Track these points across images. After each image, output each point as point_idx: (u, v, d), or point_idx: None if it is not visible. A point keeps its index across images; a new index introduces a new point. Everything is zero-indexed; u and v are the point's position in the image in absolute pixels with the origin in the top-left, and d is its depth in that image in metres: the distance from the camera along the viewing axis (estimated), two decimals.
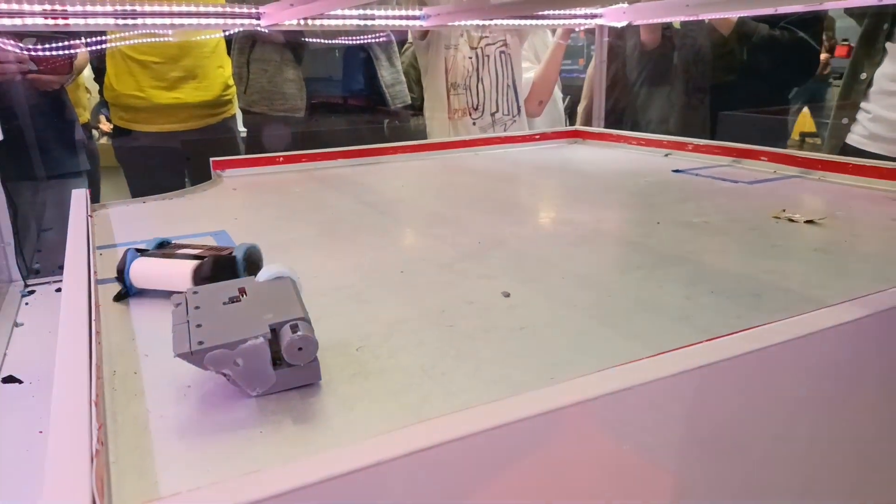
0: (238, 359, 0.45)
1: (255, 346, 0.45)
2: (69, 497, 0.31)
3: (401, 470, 0.36)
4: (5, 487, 0.78)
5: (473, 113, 1.98)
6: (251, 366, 0.46)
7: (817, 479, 0.58)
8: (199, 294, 0.53)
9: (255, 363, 0.46)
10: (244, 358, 0.45)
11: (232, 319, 0.48)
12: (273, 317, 0.48)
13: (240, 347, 0.45)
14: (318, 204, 1.11)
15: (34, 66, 1.38)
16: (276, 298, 0.52)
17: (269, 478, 0.33)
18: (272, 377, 0.47)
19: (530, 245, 0.86)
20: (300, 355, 0.47)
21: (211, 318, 0.48)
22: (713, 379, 0.47)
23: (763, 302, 0.65)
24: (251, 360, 0.46)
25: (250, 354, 0.45)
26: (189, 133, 1.83)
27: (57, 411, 0.38)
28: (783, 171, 1.28)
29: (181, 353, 0.44)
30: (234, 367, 0.45)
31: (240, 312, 0.50)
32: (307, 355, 0.47)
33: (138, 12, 1.17)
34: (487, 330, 0.60)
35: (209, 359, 0.44)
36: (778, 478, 0.54)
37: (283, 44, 1.92)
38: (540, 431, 0.41)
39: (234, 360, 0.45)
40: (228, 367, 0.45)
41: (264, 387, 0.47)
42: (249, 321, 0.48)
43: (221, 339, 0.45)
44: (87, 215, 0.88)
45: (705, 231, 0.90)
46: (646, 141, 1.57)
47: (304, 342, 0.47)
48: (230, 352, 0.45)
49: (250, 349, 0.45)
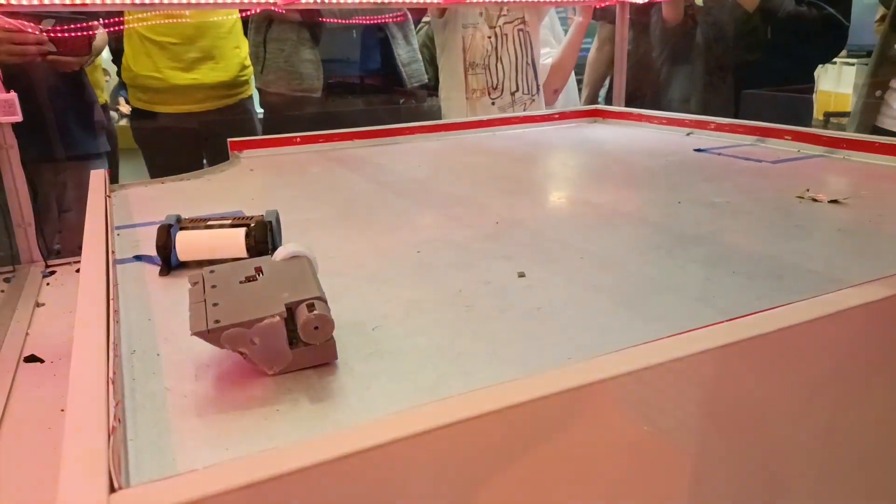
0: (255, 337, 0.45)
1: (272, 325, 0.45)
2: (86, 473, 0.31)
3: (417, 448, 0.36)
4: (28, 465, 0.79)
5: (493, 93, 1.96)
6: (268, 344, 0.46)
7: (838, 460, 0.57)
8: (216, 273, 0.53)
9: (272, 342, 0.46)
10: (260, 337, 0.45)
11: (248, 298, 0.48)
12: (289, 296, 0.48)
13: (256, 326, 0.45)
14: (334, 184, 1.10)
15: (53, 48, 1.38)
16: (293, 277, 0.51)
17: (286, 455, 0.33)
18: (289, 356, 0.47)
19: (548, 226, 0.85)
20: (316, 334, 0.47)
21: (227, 297, 0.48)
22: (734, 359, 0.46)
23: (785, 283, 0.64)
24: (267, 338, 0.45)
25: (266, 333, 0.45)
26: (206, 114, 1.83)
27: (74, 389, 0.38)
28: (807, 151, 1.25)
29: (198, 332, 0.44)
30: (251, 345, 0.45)
31: (256, 291, 0.49)
32: (323, 335, 0.47)
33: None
34: (504, 310, 0.59)
35: (225, 337, 0.44)
36: (798, 459, 0.53)
37: (299, 23, 1.91)
38: (558, 411, 0.41)
39: (250, 339, 0.45)
40: (245, 345, 0.45)
41: (281, 365, 0.47)
42: (266, 300, 0.47)
43: (238, 318, 0.45)
44: (106, 195, 0.88)
45: (727, 211, 0.88)
46: (667, 120, 1.55)
47: (321, 321, 0.46)
48: (247, 330, 0.45)
49: (266, 328, 0.45)
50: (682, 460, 0.47)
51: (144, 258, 0.75)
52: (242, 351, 0.46)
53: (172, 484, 0.30)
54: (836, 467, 0.58)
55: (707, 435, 0.48)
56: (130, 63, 1.79)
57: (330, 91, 1.99)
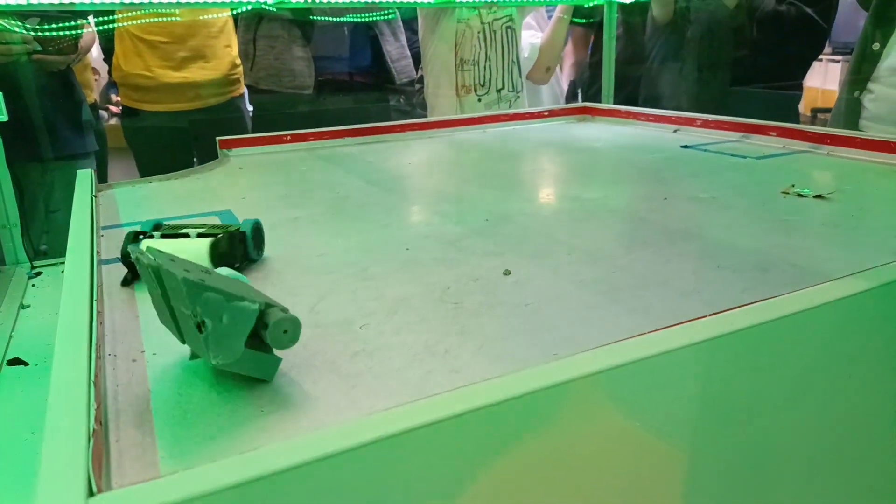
0: (225, 314, 0.42)
1: (248, 310, 0.43)
2: (65, 476, 0.31)
3: (405, 446, 0.36)
4: (11, 469, 0.79)
5: (480, 89, 1.96)
6: (231, 329, 0.43)
7: (826, 453, 0.57)
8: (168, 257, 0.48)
9: (236, 328, 0.43)
10: (231, 316, 0.43)
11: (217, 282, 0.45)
12: (257, 295, 0.46)
13: (234, 303, 0.43)
14: (324, 182, 1.10)
15: (38, 47, 1.38)
16: (245, 288, 0.48)
17: (271, 455, 0.32)
18: (240, 351, 0.44)
19: (537, 222, 0.85)
20: (283, 338, 0.45)
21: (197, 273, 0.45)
22: (720, 352, 0.47)
23: (770, 276, 0.64)
24: (235, 322, 0.43)
25: (238, 315, 0.43)
26: (197, 112, 1.82)
27: (55, 391, 0.38)
28: (792, 146, 1.26)
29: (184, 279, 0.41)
30: (217, 321, 0.42)
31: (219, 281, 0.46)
32: (288, 341, 0.45)
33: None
34: (492, 306, 0.59)
35: (205, 298, 0.42)
36: (786, 452, 0.54)
37: (290, 20, 1.91)
38: (546, 406, 0.41)
39: (221, 314, 0.42)
40: (213, 317, 0.42)
41: (228, 358, 0.43)
42: (236, 289, 0.45)
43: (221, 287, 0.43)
44: (93, 195, 0.88)
45: (713, 206, 0.88)
46: (654, 117, 1.55)
47: (292, 326, 0.44)
48: (225, 303, 0.42)
49: (242, 309, 0.43)
50: (670, 455, 0.48)
51: None
52: (204, 321, 0.42)
53: (153, 487, 0.30)
54: (824, 459, 0.58)
55: (695, 428, 0.48)
56: (121, 62, 1.78)
57: (320, 88, 1.99)
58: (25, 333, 1.10)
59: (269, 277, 0.68)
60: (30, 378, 0.97)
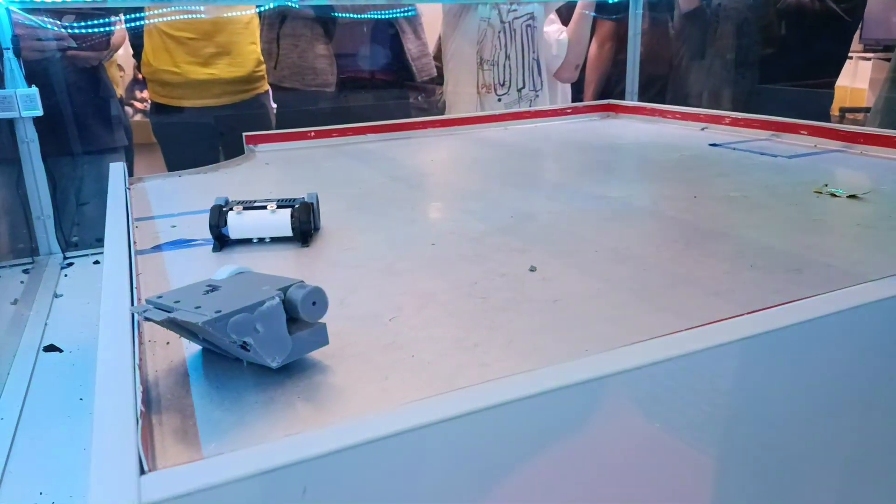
0: (258, 324, 0.43)
1: (273, 308, 0.44)
2: (117, 455, 0.31)
3: (436, 437, 0.37)
4: (47, 453, 0.81)
5: (499, 89, 1.96)
6: (270, 331, 0.44)
7: (863, 456, 0.57)
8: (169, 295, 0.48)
9: (274, 327, 0.44)
10: (263, 322, 0.44)
11: (231, 297, 0.46)
12: (271, 287, 0.46)
13: (258, 310, 0.43)
14: (349, 178, 1.11)
15: (73, 43, 1.40)
16: (255, 281, 0.49)
17: (309, 440, 0.33)
18: (289, 342, 0.45)
19: (562, 219, 0.85)
20: (315, 310, 0.46)
21: (204, 302, 0.45)
22: (753, 352, 0.47)
23: (804, 277, 0.64)
24: (270, 323, 0.44)
25: (269, 317, 0.44)
26: (222, 109, 1.85)
27: (103, 375, 0.39)
28: (824, 146, 1.25)
29: (205, 322, 0.41)
30: (255, 333, 0.43)
31: (232, 293, 0.47)
32: (321, 309, 0.47)
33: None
34: (520, 302, 0.59)
35: (233, 325, 0.42)
36: (820, 456, 0.53)
37: (313, 19, 1.92)
38: (577, 402, 0.41)
39: (254, 326, 0.43)
40: (250, 333, 0.43)
41: (283, 354, 0.45)
42: (252, 294, 0.45)
43: (239, 305, 0.43)
44: (126, 187, 0.89)
45: (744, 206, 0.88)
46: (681, 114, 1.54)
47: (317, 295, 0.46)
48: (250, 315, 0.43)
49: (268, 311, 0.44)
50: (699, 455, 0.48)
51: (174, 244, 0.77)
52: (247, 341, 0.43)
53: (202, 466, 0.31)
54: (863, 464, 0.57)
55: (726, 429, 0.48)
56: (150, 58, 1.81)
57: (342, 86, 2.00)
58: (59, 321, 1.12)
59: (299, 271, 0.69)
60: (64, 364, 1.00)
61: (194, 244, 0.77)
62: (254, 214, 0.75)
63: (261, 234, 0.76)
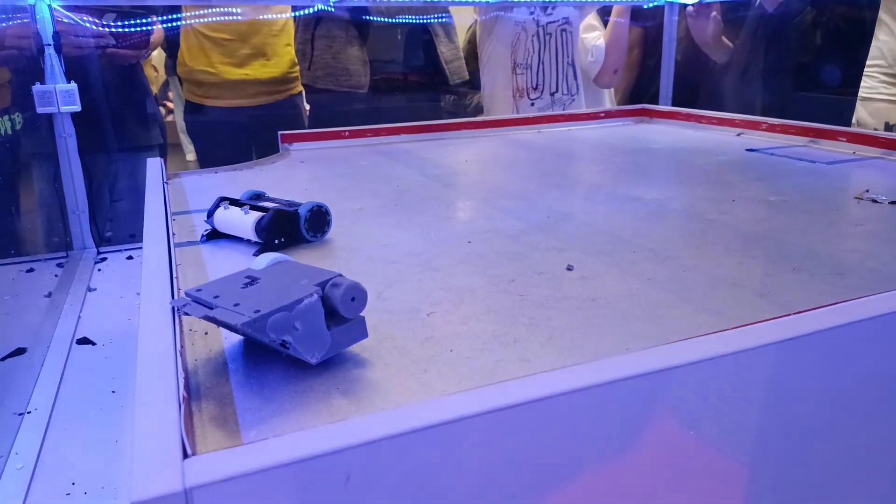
0: (297, 322, 0.43)
1: (311, 305, 0.44)
2: (160, 439, 0.31)
3: (477, 429, 0.36)
4: (79, 444, 0.81)
5: (532, 93, 1.95)
6: (309, 328, 0.44)
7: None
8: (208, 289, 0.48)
9: (313, 323, 0.44)
10: (302, 320, 0.43)
11: (268, 292, 0.46)
12: (310, 281, 0.46)
13: (297, 308, 0.43)
14: (383, 176, 1.11)
15: (112, 41, 1.42)
16: (295, 272, 0.49)
17: (354, 428, 0.33)
18: (328, 338, 0.45)
19: (599, 219, 0.84)
20: (354, 306, 0.46)
21: (243, 298, 0.45)
22: (799, 353, 0.45)
23: (848, 280, 0.62)
24: (309, 320, 0.44)
25: (308, 314, 0.44)
26: (257, 109, 1.86)
27: (144, 360, 0.39)
28: (863, 153, 1.22)
29: (244, 324, 0.41)
30: (294, 331, 0.43)
31: (270, 287, 0.47)
32: (360, 304, 0.46)
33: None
34: (558, 300, 0.59)
35: (272, 324, 0.42)
36: (867, 462, 0.52)
37: (347, 21, 1.93)
38: (618, 399, 0.40)
39: (293, 324, 0.43)
40: (289, 332, 0.43)
41: (322, 350, 0.45)
42: (290, 289, 0.45)
43: (276, 304, 0.43)
44: (164, 182, 0.90)
45: (784, 210, 0.86)
46: (717, 120, 1.52)
47: (355, 291, 0.46)
48: (289, 314, 0.43)
49: (307, 308, 0.44)
50: (740, 457, 0.46)
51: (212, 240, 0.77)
52: (286, 340, 0.43)
53: (247, 451, 0.30)
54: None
55: (768, 432, 0.47)
56: (186, 58, 1.83)
57: (375, 87, 2.01)
58: (92, 315, 1.14)
59: (336, 265, 0.69)
60: (97, 357, 1.01)
61: (231, 238, 0.78)
62: (233, 212, 0.75)
63: (234, 232, 0.75)
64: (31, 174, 1.48)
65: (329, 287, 0.46)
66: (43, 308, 1.18)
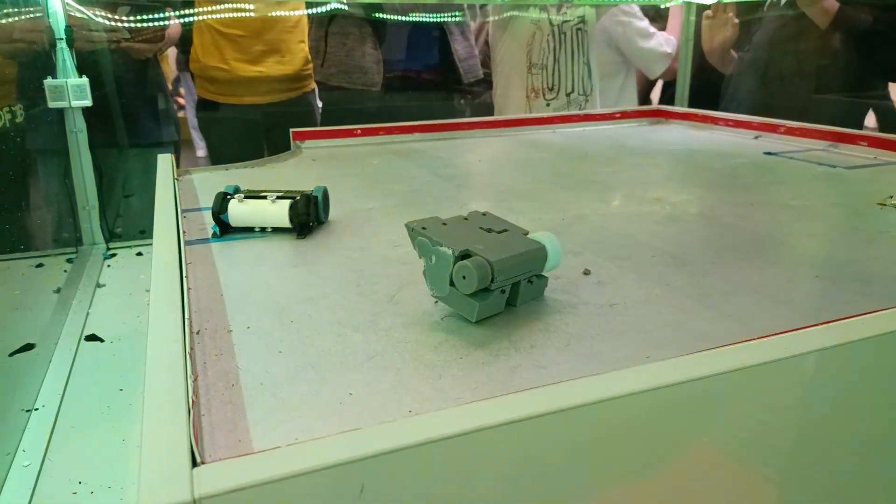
0: (432, 256, 0.52)
1: (443, 253, 0.52)
2: (169, 446, 0.30)
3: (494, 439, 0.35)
4: (86, 442, 0.81)
5: (548, 94, 1.94)
6: (437, 268, 0.52)
7: None
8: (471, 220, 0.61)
9: (440, 268, 0.52)
10: (437, 257, 0.52)
11: (457, 234, 0.55)
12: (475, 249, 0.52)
13: (436, 247, 0.52)
14: (396, 175, 1.10)
15: (127, 35, 1.41)
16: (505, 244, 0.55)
17: (369, 437, 0.32)
18: (446, 289, 0.52)
19: (615, 222, 0.82)
20: (462, 283, 0.50)
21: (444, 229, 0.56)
22: (829, 365, 0.44)
23: (873, 289, 0.61)
24: (439, 262, 0.52)
25: (439, 257, 0.52)
26: (270, 106, 1.85)
27: (153, 364, 0.38)
28: (884, 158, 1.20)
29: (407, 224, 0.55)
30: (430, 260, 0.53)
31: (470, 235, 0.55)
32: (467, 286, 0.50)
33: None
34: (575, 305, 0.57)
35: (418, 241, 0.54)
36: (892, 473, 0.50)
37: (361, 18, 1.92)
38: (637, 411, 0.39)
39: (430, 255, 0.52)
40: (427, 256, 0.53)
41: (439, 293, 0.53)
42: (463, 241, 0.53)
43: (431, 235, 0.53)
44: (175, 178, 0.89)
45: (804, 214, 0.84)
46: (734, 122, 1.50)
47: (468, 273, 0.50)
48: (430, 245, 0.52)
49: (440, 253, 0.52)
50: (766, 471, 0.45)
51: None
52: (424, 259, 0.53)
53: (258, 460, 0.29)
54: None
55: (797, 444, 0.45)
56: (199, 55, 1.82)
57: (388, 85, 2.00)
58: (101, 311, 1.13)
59: (348, 264, 0.68)
60: (105, 354, 1.00)
61: (241, 236, 0.77)
62: (254, 203, 0.76)
63: (260, 223, 0.77)
64: (39, 169, 1.47)
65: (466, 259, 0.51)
66: (52, 304, 1.18)
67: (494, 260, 0.51)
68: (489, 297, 0.52)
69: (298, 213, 0.75)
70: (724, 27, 2.00)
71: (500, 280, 0.51)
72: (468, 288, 0.50)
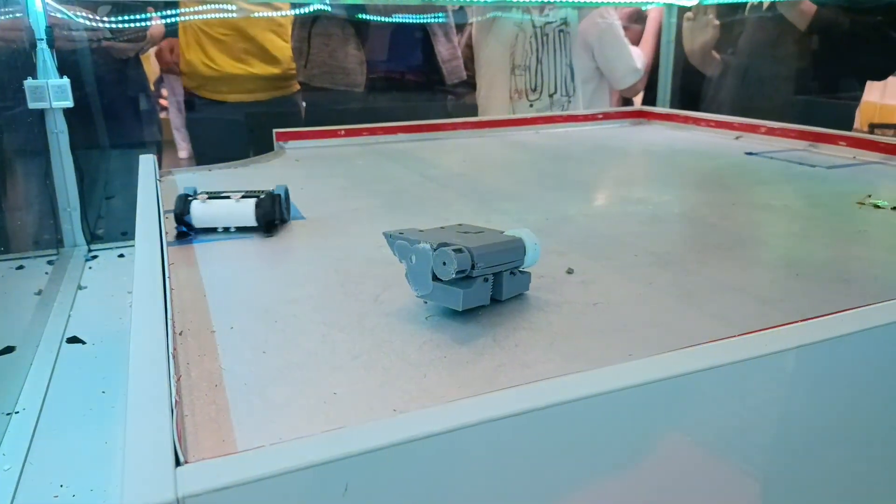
0: (412, 255, 0.53)
1: (421, 249, 0.52)
2: (152, 446, 0.30)
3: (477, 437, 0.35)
4: (68, 445, 0.80)
5: (531, 95, 1.94)
6: (419, 266, 0.53)
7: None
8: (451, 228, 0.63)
9: (421, 266, 0.52)
10: (416, 256, 0.53)
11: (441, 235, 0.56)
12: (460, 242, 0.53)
13: (414, 245, 0.53)
14: (380, 176, 1.10)
15: (108, 34, 1.40)
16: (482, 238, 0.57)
17: (353, 436, 0.32)
18: (430, 286, 0.52)
19: (599, 223, 0.83)
20: (444, 269, 0.51)
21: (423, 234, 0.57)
22: (808, 361, 0.44)
23: (853, 287, 0.61)
24: (419, 260, 0.52)
25: (418, 255, 0.53)
26: (255, 105, 1.85)
27: (136, 364, 0.38)
28: (863, 157, 1.22)
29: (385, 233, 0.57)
30: (409, 262, 0.53)
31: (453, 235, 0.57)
32: (448, 271, 0.51)
33: None
34: (559, 304, 0.58)
35: (397, 245, 0.55)
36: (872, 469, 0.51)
37: (344, 19, 1.92)
38: (621, 408, 0.39)
39: (410, 256, 0.53)
40: (407, 258, 0.53)
41: (423, 291, 0.53)
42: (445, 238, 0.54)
43: (410, 236, 0.54)
44: (157, 179, 0.89)
45: (785, 215, 0.85)
46: (715, 122, 1.51)
47: (446, 257, 0.50)
48: (409, 246, 0.53)
49: (419, 250, 0.53)
50: (748, 466, 0.45)
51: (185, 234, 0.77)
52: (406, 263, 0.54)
53: (241, 459, 0.29)
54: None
55: (778, 440, 0.46)
56: (185, 52, 1.81)
57: (372, 86, 2.00)
58: (82, 313, 1.12)
59: (332, 265, 0.68)
60: (87, 356, 0.99)
61: (223, 236, 0.76)
62: (218, 203, 0.76)
63: (225, 223, 0.77)
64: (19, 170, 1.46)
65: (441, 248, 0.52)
66: (32, 306, 1.16)
67: (473, 246, 0.52)
68: (473, 284, 0.53)
69: (265, 211, 0.75)
70: (705, 29, 2.02)
71: (480, 267, 0.52)
72: (449, 273, 0.51)
